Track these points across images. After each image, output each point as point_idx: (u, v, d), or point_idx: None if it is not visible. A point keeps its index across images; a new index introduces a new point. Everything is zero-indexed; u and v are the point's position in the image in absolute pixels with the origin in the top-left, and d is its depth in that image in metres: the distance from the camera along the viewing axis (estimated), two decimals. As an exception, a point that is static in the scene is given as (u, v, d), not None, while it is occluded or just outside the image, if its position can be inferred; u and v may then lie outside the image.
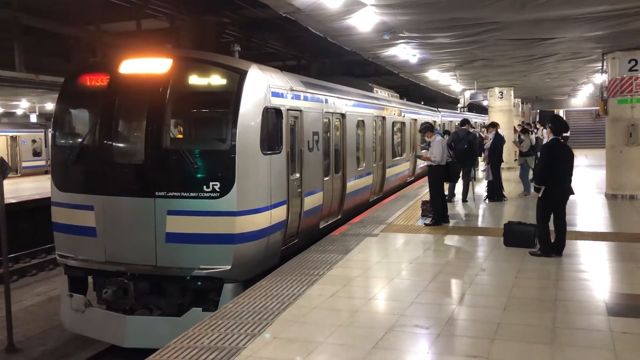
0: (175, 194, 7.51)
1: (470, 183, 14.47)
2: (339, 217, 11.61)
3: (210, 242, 7.47)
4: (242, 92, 7.66)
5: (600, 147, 21.29)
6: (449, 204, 12.47)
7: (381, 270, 8.07)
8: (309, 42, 14.60)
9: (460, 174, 13.97)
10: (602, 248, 9.11)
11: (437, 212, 11.14)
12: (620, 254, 8.67)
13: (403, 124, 18.43)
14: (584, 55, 15.32)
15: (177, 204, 7.49)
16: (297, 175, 9.21)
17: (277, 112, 8.40)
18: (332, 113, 11.17)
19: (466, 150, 13.52)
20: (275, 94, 8.37)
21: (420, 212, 12.05)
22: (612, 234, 10.21)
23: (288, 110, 8.78)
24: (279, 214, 8.35)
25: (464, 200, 14.20)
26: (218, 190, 7.43)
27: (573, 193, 8.59)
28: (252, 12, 12.13)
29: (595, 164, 24.53)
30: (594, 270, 7.75)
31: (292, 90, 9.08)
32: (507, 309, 6.16)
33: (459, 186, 14.37)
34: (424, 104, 24.84)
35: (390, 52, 14.00)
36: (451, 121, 27.89)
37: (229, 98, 7.74)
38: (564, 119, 10.13)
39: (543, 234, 8.37)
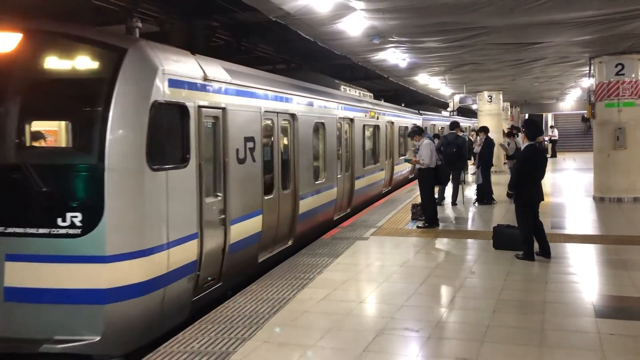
0: (18, 230, 5.37)
1: (460, 186, 14.54)
2: (289, 243, 9.54)
3: (69, 302, 5.32)
4: (118, 80, 5.54)
5: (589, 150, 21.52)
6: (438, 207, 12.52)
7: (371, 274, 8.09)
8: (299, 46, 14.59)
9: (450, 178, 14.07)
10: (590, 250, 9.19)
11: (429, 215, 11.19)
12: (607, 256, 8.75)
13: (377, 127, 16.54)
14: (571, 59, 15.47)
15: (19, 244, 5.35)
16: (219, 196, 7.04)
17: (181, 109, 6.25)
18: (277, 113, 9.06)
19: (455, 154, 13.59)
20: (176, 84, 6.17)
21: (411, 215, 12.09)
22: (600, 236, 10.30)
23: (201, 107, 6.60)
24: (184, 253, 6.17)
25: (454, 203, 14.27)
26: (79, 224, 5.32)
27: (543, 199, 8.68)
28: (242, 16, 12.09)
29: (584, 167, 24.75)
30: (582, 272, 7.82)
31: (207, 80, 6.82)
32: (496, 311, 6.20)
33: (449, 189, 14.44)
34: (404, 106, 23.56)
35: (380, 56, 14.06)
36: (434, 124, 26.85)
37: (99, 88, 5.63)
38: (538, 122, 10.22)
39: (527, 240, 8.42)
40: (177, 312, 6.26)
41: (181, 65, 6.46)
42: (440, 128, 26.91)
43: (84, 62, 5.74)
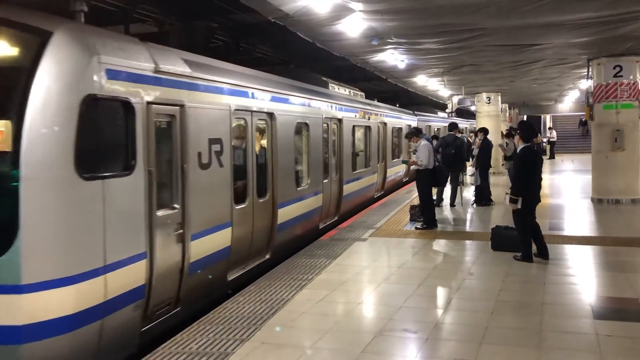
0: None
1: (458, 188, 14.55)
2: (267, 257, 8.67)
3: None
4: (39, 69, 4.65)
5: (587, 152, 21.54)
6: (437, 209, 12.54)
7: (370, 275, 8.09)
8: (298, 47, 14.59)
9: (449, 179, 14.09)
10: (588, 252, 9.20)
11: (427, 216, 11.19)
12: (605, 258, 8.75)
13: (368, 128, 15.56)
14: (569, 61, 15.50)
15: None
16: (176, 208, 6.15)
17: (124, 105, 5.36)
18: (252, 112, 8.14)
19: (454, 155, 13.60)
20: (117, 76, 5.25)
21: (409, 216, 12.10)
22: (598, 238, 10.31)
23: (152, 104, 5.68)
24: (127, 277, 5.30)
25: (452, 204, 14.27)
26: None
27: (540, 200, 8.68)
28: (241, 17, 12.11)
29: (582, 168, 24.79)
30: (580, 274, 7.83)
31: (160, 72, 5.88)
32: (494, 312, 6.20)
33: (447, 191, 14.45)
34: (399, 106, 22.75)
35: (378, 57, 14.07)
36: (430, 125, 26.10)
37: (16, 79, 4.72)
38: (533, 124, 10.20)
39: (524, 241, 8.43)
40: (120, 347, 5.34)
41: (125, 53, 5.48)
42: (436, 129, 26.49)
43: (1, 48, 4.80)
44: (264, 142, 8.86)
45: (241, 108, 7.80)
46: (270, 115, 8.84)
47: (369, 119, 15.52)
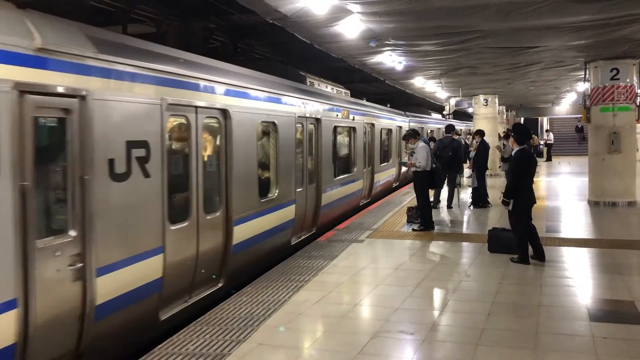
0: None
1: (455, 189, 14.57)
2: (220, 284, 7.30)
3: None
4: None
5: (584, 154, 21.57)
6: (434, 210, 12.55)
7: (367, 277, 8.09)
8: (296, 48, 14.61)
9: (446, 181, 14.10)
10: (585, 254, 9.22)
11: (425, 218, 11.21)
12: (602, 260, 8.77)
13: (353, 129, 14.17)
14: (567, 63, 15.54)
15: None
16: (71, 235, 4.79)
17: None
18: (197, 108, 6.64)
19: (451, 157, 13.62)
20: None
21: (406, 218, 12.11)
22: (595, 240, 10.34)
23: (28, 93, 4.32)
24: None
25: (449, 206, 14.29)
26: None
27: (535, 202, 8.70)
28: (239, 18, 12.11)
29: (579, 171, 24.85)
30: (577, 276, 7.84)
31: (45, 50, 4.50)
32: (491, 314, 6.21)
33: (444, 192, 14.47)
34: (390, 107, 21.51)
35: (376, 59, 14.09)
36: (422, 127, 24.85)
37: None
38: (527, 127, 10.21)
39: (521, 244, 8.45)
40: None
41: None
42: (429, 131, 25.56)
43: None
44: (215, 145, 7.36)
45: (181, 103, 6.32)
46: (224, 112, 7.31)
47: (353, 120, 14.10)
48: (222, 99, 7.33)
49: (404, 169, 19.95)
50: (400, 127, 20.58)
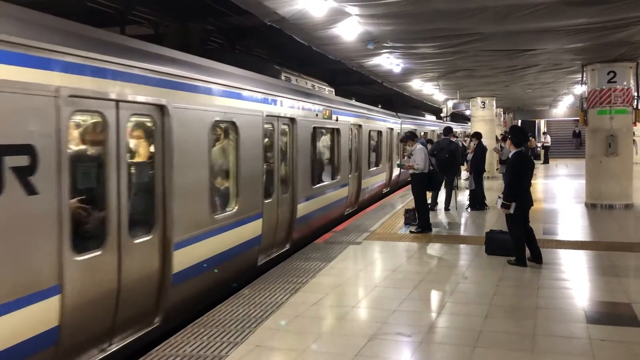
0: None
1: (453, 192, 14.59)
2: (157, 323, 5.99)
3: None
4: None
5: (581, 157, 21.63)
6: (431, 212, 12.56)
7: (364, 279, 8.09)
8: (294, 50, 14.63)
9: (443, 183, 14.12)
10: (582, 256, 9.23)
11: (422, 220, 11.21)
12: (599, 263, 8.79)
13: (336, 131, 12.85)
14: (564, 66, 15.58)
15: None
16: None
17: None
18: (116, 102, 5.34)
19: (448, 159, 13.64)
20: None
21: (404, 220, 12.12)
22: (592, 242, 10.36)
23: None
24: None
25: (447, 208, 14.31)
26: None
27: (532, 204, 8.72)
28: (237, 20, 12.13)
29: (576, 173, 24.90)
30: (574, 278, 7.86)
31: None
32: (488, 316, 6.22)
33: (442, 195, 14.48)
34: (381, 107, 20.34)
35: (374, 61, 14.11)
36: (416, 129, 22.41)
37: None
38: (524, 129, 10.23)
39: (518, 245, 8.46)
40: None
41: None
42: (422, 133, 24.27)
43: None
44: (147, 149, 6.14)
45: (90, 95, 4.97)
46: (161, 108, 6.01)
47: (337, 120, 12.68)
48: (158, 91, 5.95)
49: (395, 173, 19.62)
50: (392, 129, 19.56)
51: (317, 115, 11.39)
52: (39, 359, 4.50)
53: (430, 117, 30.48)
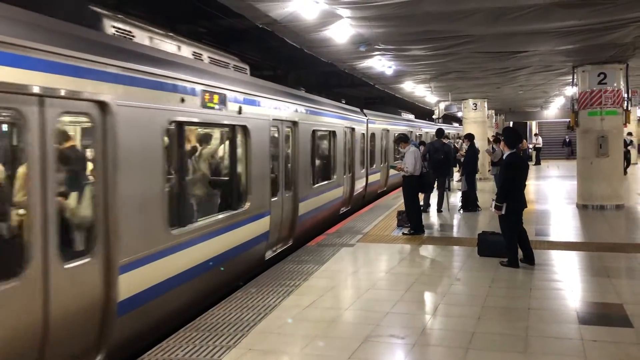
0: None
1: (445, 193, 14.62)
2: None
3: None
4: None
5: (572, 158, 21.73)
6: (424, 214, 12.57)
7: (357, 281, 8.09)
8: (286, 52, 14.62)
9: (435, 185, 14.14)
10: (574, 257, 9.27)
11: (414, 222, 11.23)
12: (591, 264, 8.83)
13: (243, 131, 8.23)
14: (555, 68, 15.67)
15: None
16: None
17: None
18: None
19: (441, 161, 13.67)
20: None
21: (396, 222, 12.12)
22: (583, 243, 10.40)
23: None
24: None
25: (439, 210, 14.33)
26: None
27: (526, 206, 8.75)
28: (228, 22, 12.13)
29: (567, 174, 25.02)
30: (566, 279, 7.88)
31: None
32: (481, 318, 6.23)
33: (434, 197, 14.51)
34: (345, 103, 16.54)
35: (366, 63, 14.13)
36: (388, 130, 20.26)
37: None
38: (517, 130, 10.27)
39: (511, 247, 8.48)
40: None
41: None
42: (394, 134, 20.30)
43: None
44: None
45: None
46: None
47: (240, 113, 8.07)
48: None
49: (359, 185, 16.11)
50: (353, 130, 15.30)
51: (183, 100, 6.50)
52: None
53: (408, 116, 27.15)
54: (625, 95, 14.61)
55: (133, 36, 6.46)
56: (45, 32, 4.63)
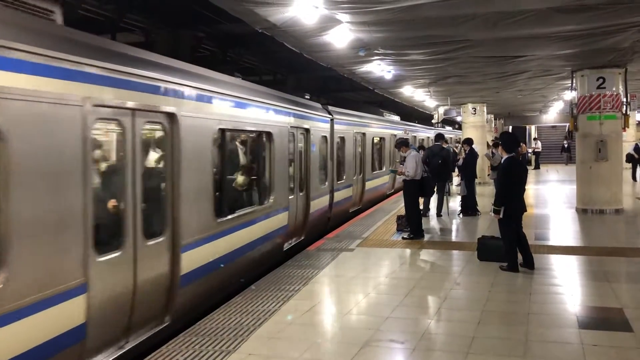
0: None
1: (445, 198, 14.63)
2: None
3: None
4: None
5: (571, 162, 21.73)
6: (424, 219, 12.57)
7: (357, 285, 8.08)
8: (285, 57, 14.63)
9: (435, 189, 14.14)
10: (573, 262, 9.27)
11: (414, 226, 11.23)
12: (590, 268, 8.83)
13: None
14: (554, 72, 15.70)
15: None
16: None
17: None
18: None
19: (440, 165, 13.68)
20: None
21: (396, 226, 12.12)
22: (583, 247, 10.40)
23: None
24: None
25: (439, 214, 14.33)
26: None
27: (526, 210, 8.75)
28: (228, 27, 12.13)
29: (566, 179, 25.04)
30: (566, 283, 7.88)
31: None
32: (481, 322, 6.22)
33: (434, 201, 14.51)
34: (309, 99, 13.63)
35: (365, 68, 14.15)
36: (364, 134, 17.02)
37: None
38: (515, 135, 10.28)
39: (510, 251, 8.48)
40: None
41: None
42: (374, 140, 18.17)
43: None
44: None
45: None
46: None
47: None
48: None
49: (318, 206, 12.48)
50: (308, 130, 11.79)
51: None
52: None
53: (392, 118, 23.62)
54: (624, 100, 14.64)
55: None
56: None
